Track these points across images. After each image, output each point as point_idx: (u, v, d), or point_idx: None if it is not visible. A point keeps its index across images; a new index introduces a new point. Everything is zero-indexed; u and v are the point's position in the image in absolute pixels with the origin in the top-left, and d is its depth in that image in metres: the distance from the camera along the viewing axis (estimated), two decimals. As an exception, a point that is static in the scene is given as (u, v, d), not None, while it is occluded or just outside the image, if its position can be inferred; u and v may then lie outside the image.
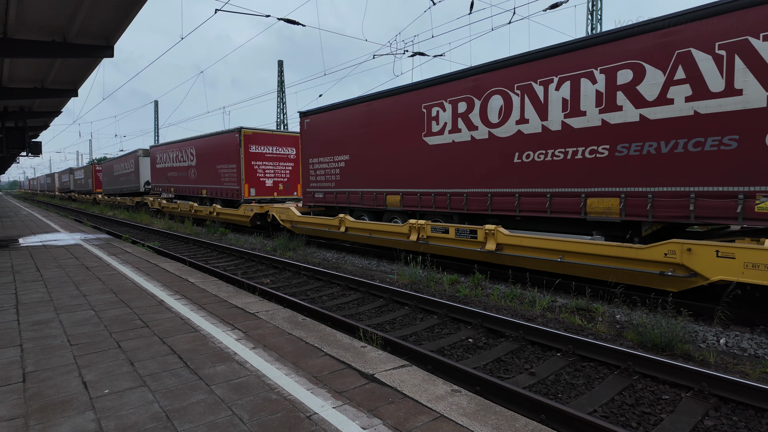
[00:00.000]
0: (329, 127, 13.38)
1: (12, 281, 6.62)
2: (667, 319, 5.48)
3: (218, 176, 18.48)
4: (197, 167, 20.42)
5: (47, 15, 7.52)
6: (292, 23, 12.56)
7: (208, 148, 19.38)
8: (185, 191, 21.93)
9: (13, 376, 3.31)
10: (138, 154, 28.17)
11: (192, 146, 20.91)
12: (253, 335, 4.18)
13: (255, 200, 16.97)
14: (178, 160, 22.47)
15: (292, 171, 18.54)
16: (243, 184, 16.99)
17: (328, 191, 13.58)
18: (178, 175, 22.48)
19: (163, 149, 24.44)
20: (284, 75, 39.12)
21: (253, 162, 17.19)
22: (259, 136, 17.46)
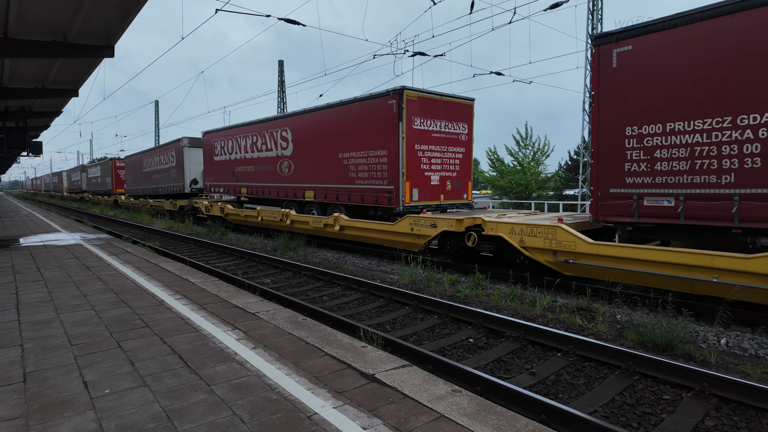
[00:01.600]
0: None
1: (12, 281, 6.62)
2: (668, 319, 5.48)
3: (342, 170, 12.70)
4: (296, 158, 14.62)
5: (48, 15, 7.53)
6: (292, 23, 12.57)
7: (323, 128, 13.44)
8: (268, 192, 16.09)
9: (13, 376, 3.31)
10: (182, 144, 21.75)
11: (285, 127, 14.97)
12: (253, 335, 4.18)
13: (419, 207, 11.40)
14: (254, 149, 16.65)
15: (462, 161, 12.46)
16: (403, 182, 10.92)
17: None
18: (254, 170, 16.72)
19: (226, 135, 18.46)
20: (284, 75, 39.11)
21: (416, 146, 11.17)
22: (426, 102, 11.28)
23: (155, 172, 25.86)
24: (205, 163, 20.46)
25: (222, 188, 19.27)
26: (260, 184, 16.61)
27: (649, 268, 6.67)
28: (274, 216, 15.11)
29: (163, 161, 24.57)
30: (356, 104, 12.30)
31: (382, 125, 11.33)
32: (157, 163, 25.40)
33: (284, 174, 15.20)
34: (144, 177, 27.95)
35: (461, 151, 12.44)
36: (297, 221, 14.19)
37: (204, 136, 20.37)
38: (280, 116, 15.78)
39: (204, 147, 20.49)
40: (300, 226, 14.07)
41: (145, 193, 28.22)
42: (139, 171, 28.90)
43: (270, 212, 15.45)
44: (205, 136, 20.28)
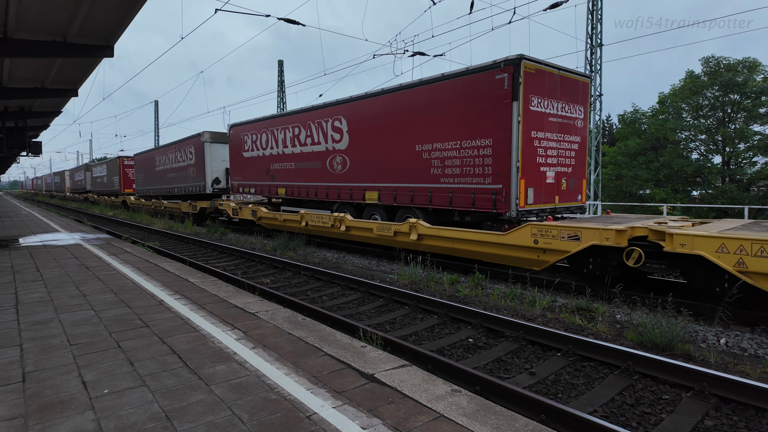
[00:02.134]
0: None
1: (12, 281, 6.61)
2: (668, 319, 5.47)
3: (421, 166, 10.35)
4: (353, 152, 12.26)
5: (47, 15, 7.52)
6: (292, 23, 12.56)
7: (391, 115, 10.98)
8: (314, 193, 13.81)
9: (12, 376, 3.30)
10: (203, 139, 19.43)
11: (338, 116, 12.63)
12: (252, 335, 4.18)
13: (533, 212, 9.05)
14: (295, 143, 14.47)
15: (577, 153, 10.00)
16: (517, 180, 8.54)
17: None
18: (296, 167, 14.56)
19: (259, 128, 16.11)
20: (284, 75, 39.11)
21: (533, 133, 8.76)
22: (543, 77, 8.84)
23: (170, 170, 23.49)
24: (232, 160, 18.09)
25: (253, 188, 16.87)
26: (303, 184, 14.29)
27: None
28: (323, 221, 12.73)
29: (179, 158, 22.10)
30: (444, 83, 9.72)
31: (485, 107, 8.89)
32: (173, 161, 23.02)
33: (336, 172, 12.80)
34: (157, 176, 25.65)
35: (577, 140, 9.93)
36: (355, 228, 11.83)
37: (230, 129, 17.93)
38: (332, 103, 13.00)
39: (231, 142, 18.06)
40: (358, 234, 11.81)
41: (158, 194, 25.76)
42: (150, 169, 26.56)
43: (318, 216, 13.07)
44: (232, 129, 17.81)
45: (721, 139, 25.55)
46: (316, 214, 13.31)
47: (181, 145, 21.96)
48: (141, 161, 28.68)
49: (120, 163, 32.78)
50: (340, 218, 12.19)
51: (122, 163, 32.72)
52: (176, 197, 23.74)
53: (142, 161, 28.26)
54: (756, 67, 24.24)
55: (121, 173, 32.59)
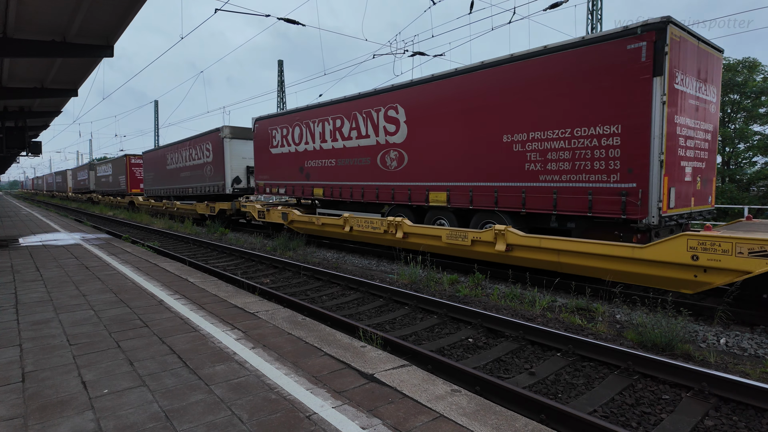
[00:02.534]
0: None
1: (12, 281, 6.61)
2: (667, 318, 5.47)
3: (511, 161, 8.49)
4: (412, 145, 10.44)
5: (47, 15, 7.52)
6: (292, 23, 12.56)
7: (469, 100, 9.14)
8: (360, 194, 11.97)
9: (12, 376, 3.30)
10: (222, 135, 17.82)
11: (394, 104, 10.76)
12: (252, 335, 4.18)
13: (673, 218, 7.23)
14: (336, 137, 12.56)
15: (710, 145, 8.24)
16: (660, 177, 6.76)
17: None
18: (338, 164, 12.63)
19: (291, 120, 14.36)
20: (284, 75, 39.12)
21: (675, 118, 7.04)
22: (687, 48, 7.17)
23: (184, 169, 21.65)
24: (257, 157, 16.23)
25: (282, 188, 15.03)
26: (346, 184, 12.38)
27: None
28: (374, 226, 11.00)
29: (194, 156, 20.33)
30: (545, 58, 7.91)
31: (611, 85, 7.12)
32: (186, 159, 21.22)
33: (390, 169, 10.99)
34: (168, 175, 23.75)
35: (710, 129, 8.18)
36: (416, 235, 10.09)
37: (256, 123, 16.14)
38: (384, 90, 11.16)
39: (256, 137, 16.22)
40: (420, 242, 10.04)
41: (170, 194, 23.96)
42: (161, 168, 24.64)
43: (366, 221, 11.26)
44: (258, 123, 16.05)
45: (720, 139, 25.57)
46: (364, 218, 11.46)
47: (196, 142, 20.21)
48: (150, 159, 26.69)
49: (127, 162, 30.70)
50: (396, 223, 10.40)
51: (129, 161, 30.68)
52: (191, 198, 22.02)
53: (152, 159, 26.36)
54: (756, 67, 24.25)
55: (128, 172, 30.64)
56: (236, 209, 17.78)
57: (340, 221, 12.17)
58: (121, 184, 31.87)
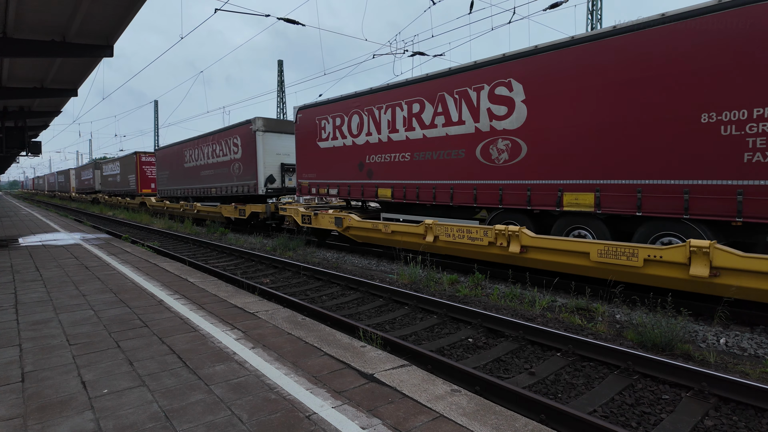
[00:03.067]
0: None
1: (11, 281, 6.61)
2: (667, 318, 5.48)
3: (719, 149, 6.16)
4: (533, 131, 8.19)
5: (47, 14, 7.52)
6: (291, 23, 12.56)
7: (632, 69, 6.88)
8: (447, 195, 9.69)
9: (11, 376, 3.30)
10: (255, 128, 15.79)
11: (506, 78, 8.51)
12: (252, 335, 4.18)
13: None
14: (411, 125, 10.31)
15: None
16: None
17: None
18: (413, 158, 10.39)
19: (346, 108, 12.10)
20: (284, 75, 39.12)
21: None
22: None
23: (206, 167, 19.56)
24: (300, 152, 14.09)
25: (334, 188, 12.74)
26: (428, 182, 10.02)
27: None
28: (471, 236, 8.68)
29: (219, 152, 18.35)
30: None
31: None
32: (209, 155, 19.18)
33: (497, 163, 8.63)
34: (186, 174, 21.70)
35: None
36: (543, 249, 7.74)
37: (299, 112, 14.04)
38: (490, 61, 8.78)
39: (299, 129, 14.06)
40: (550, 258, 7.70)
41: (188, 195, 21.84)
42: (177, 166, 22.69)
43: (460, 230, 8.94)
44: (302, 112, 13.94)
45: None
46: (456, 225, 9.11)
47: (221, 136, 18.11)
48: (165, 157, 24.60)
49: (137, 160, 28.26)
50: (511, 233, 8.01)
51: (139, 159, 28.29)
52: (214, 199, 19.77)
53: (167, 157, 24.29)
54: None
55: (138, 171, 28.20)
56: (271, 212, 15.59)
57: (419, 229, 9.70)
58: (131, 183, 29.40)
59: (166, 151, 24.54)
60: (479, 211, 9.86)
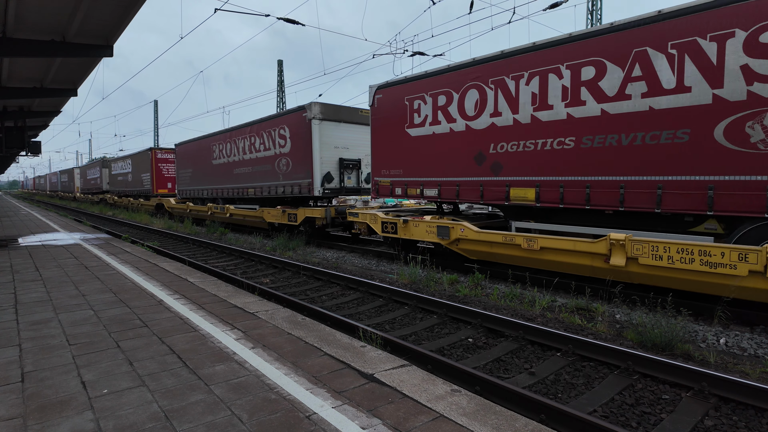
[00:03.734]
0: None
1: (11, 281, 6.61)
2: (667, 318, 5.48)
3: None
4: None
5: (46, 14, 7.52)
6: (291, 23, 12.56)
7: None
8: (647, 198, 6.76)
9: (11, 376, 3.30)
10: (310, 115, 13.25)
11: None
12: (252, 335, 4.17)
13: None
14: (575, 95, 7.51)
15: None
16: None
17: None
18: (575, 146, 7.57)
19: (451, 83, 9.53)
20: (284, 75, 39.10)
21: None
22: None
23: (241, 163, 16.98)
24: (380, 142, 11.27)
25: (434, 188, 9.93)
26: (609, 178, 7.21)
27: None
28: (711, 259, 5.85)
29: (260, 146, 15.72)
30: None
31: None
32: (246, 150, 16.63)
33: (761, 148, 5.80)
34: (215, 172, 18.97)
35: None
36: None
37: (377, 93, 11.28)
38: None
39: (376, 113, 11.32)
40: None
41: (217, 196, 18.94)
42: (203, 163, 19.98)
43: (686, 248, 6.07)
44: (382, 92, 11.14)
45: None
46: (670, 242, 6.25)
47: (263, 127, 15.50)
48: (187, 153, 21.77)
49: (152, 157, 25.37)
50: None
51: (155, 156, 25.36)
52: (251, 201, 17.25)
53: (189, 153, 21.47)
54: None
55: (154, 169, 25.29)
56: (331, 218, 13.12)
57: (597, 246, 6.94)
58: (144, 183, 26.59)
59: (189, 147, 21.59)
60: (702, 221, 6.83)
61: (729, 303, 6.08)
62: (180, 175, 22.96)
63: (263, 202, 16.38)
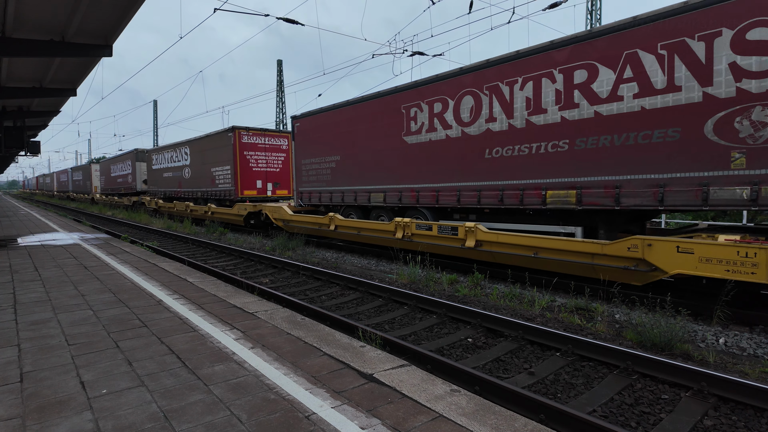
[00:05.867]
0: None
1: (10, 281, 6.60)
2: (666, 318, 5.48)
3: None
4: None
5: (45, 14, 7.51)
6: (291, 23, 12.55)
7: None
8: None
9: (10, 376, 3.29)
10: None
11: None
12: (251, 335, 4.17)
13: None
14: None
15: None
16: None
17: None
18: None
19: None
20: (283, 75, 39.08)
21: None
22: None
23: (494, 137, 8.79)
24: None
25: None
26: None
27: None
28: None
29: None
30: None
31: None
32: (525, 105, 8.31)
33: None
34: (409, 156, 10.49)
35: None
36: None
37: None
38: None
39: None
40: None
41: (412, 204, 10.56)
42: (373, 141, 11.46)
43: None
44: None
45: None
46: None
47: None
48: (325, 127, 13.12)
49: (235, 141, 16.81)
50: None
51: (239, 139, 16.90)
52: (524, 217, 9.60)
53: (331, 126, 12.85)
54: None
55: (238, 160, 16.85)
56: None
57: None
58: (220, 180, 18.10)
59: (331, 117, 12.86)
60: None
61: (728, 303, 6.09)
62: (305, 166, 14.03)
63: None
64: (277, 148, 18.45)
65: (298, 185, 14.70)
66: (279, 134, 18.48)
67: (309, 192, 14.20)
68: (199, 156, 20.05)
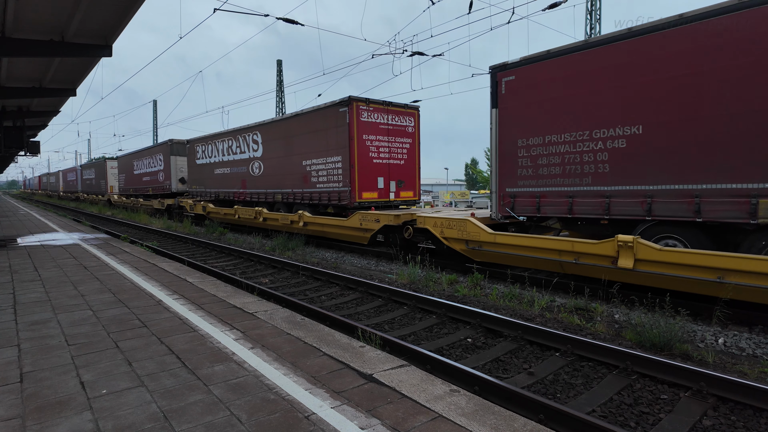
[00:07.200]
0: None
1: (10, 281, 6.60)
2: (666, 318, 5.48)
3: None
4: None
5: (45, 14, 7.51)
6: (291, 23, 12.56)
7: None
8: None
9: (10, 376, 3.30)
10: None
11: None
12: (251, 335, 4.17)
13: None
14: None
15: None
16: None
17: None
18: None
19: None
20: (283, 74, 39.05)
21: None
22: None
23: None
24: None
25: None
26: None
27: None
28: None
29: None
30: None
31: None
32: None
33: None
34: None
35: None
36: None
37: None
38: None
39: None
40: None
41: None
42: None
43: None
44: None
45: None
46: None
47: None
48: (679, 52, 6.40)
49: (351, 119, 11.76)
50: None
51: (357, 117, 11.83)
52: None
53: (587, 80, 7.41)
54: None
55: (355, 148, 11.84)
56: None
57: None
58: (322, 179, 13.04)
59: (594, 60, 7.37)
60: None
61: (727, 303, 6.09)
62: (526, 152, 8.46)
63: None
64: (402, 131, 12.83)
65: (506, 184, 8.83)
66: (405, 110, 12.91)
67: (535, 195, 8.32)
68: (280, 144, 14.83)
